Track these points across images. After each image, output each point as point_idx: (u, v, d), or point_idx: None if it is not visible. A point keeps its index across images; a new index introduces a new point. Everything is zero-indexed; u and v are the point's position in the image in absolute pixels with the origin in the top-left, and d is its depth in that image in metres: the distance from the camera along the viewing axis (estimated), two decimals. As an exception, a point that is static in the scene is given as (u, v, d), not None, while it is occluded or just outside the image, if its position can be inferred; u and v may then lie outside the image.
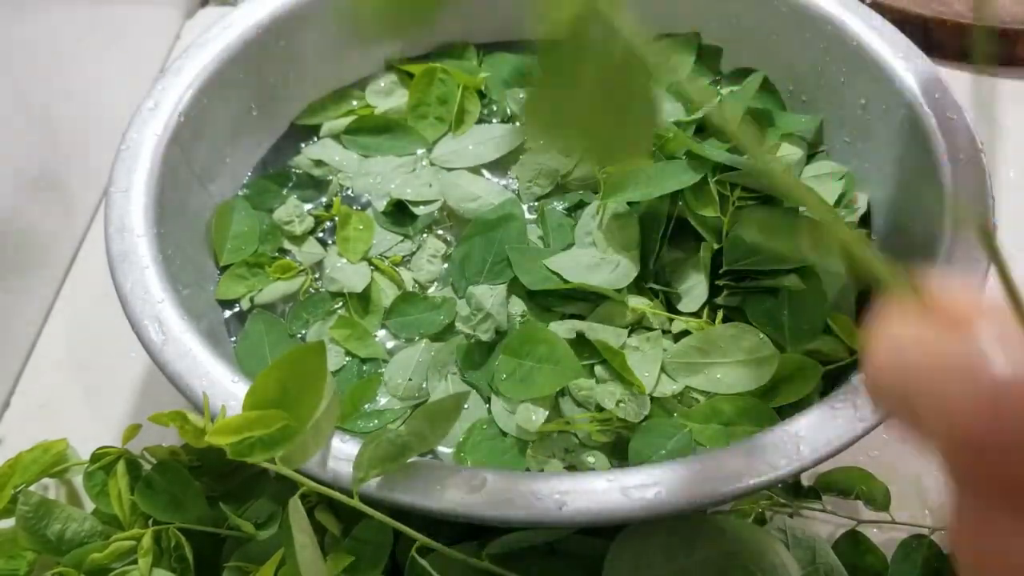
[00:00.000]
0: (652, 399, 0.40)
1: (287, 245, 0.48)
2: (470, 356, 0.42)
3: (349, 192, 0.50)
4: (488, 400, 0.41)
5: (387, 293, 0.45)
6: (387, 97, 0.54)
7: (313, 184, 0.51)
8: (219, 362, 0.34)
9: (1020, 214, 0.48)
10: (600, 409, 0.39)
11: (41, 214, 0.50)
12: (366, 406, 0.41)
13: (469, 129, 0.52)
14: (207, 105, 0.45)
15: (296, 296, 0.45)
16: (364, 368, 0.43)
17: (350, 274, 0.45)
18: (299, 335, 0.44)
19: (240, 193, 0.49)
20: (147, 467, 0.37)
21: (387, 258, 0.46)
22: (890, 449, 0.43)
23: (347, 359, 0.43)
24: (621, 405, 0.39)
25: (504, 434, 0.39)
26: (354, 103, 0.54)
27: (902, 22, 0.61)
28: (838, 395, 0.33)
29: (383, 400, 0.41)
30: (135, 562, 0.33)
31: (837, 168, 0.47)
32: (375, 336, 0.44)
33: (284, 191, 0.50)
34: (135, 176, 0.41)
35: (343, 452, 0.31)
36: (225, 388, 0.34)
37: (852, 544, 0.38)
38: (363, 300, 0.44)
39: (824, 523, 0.40)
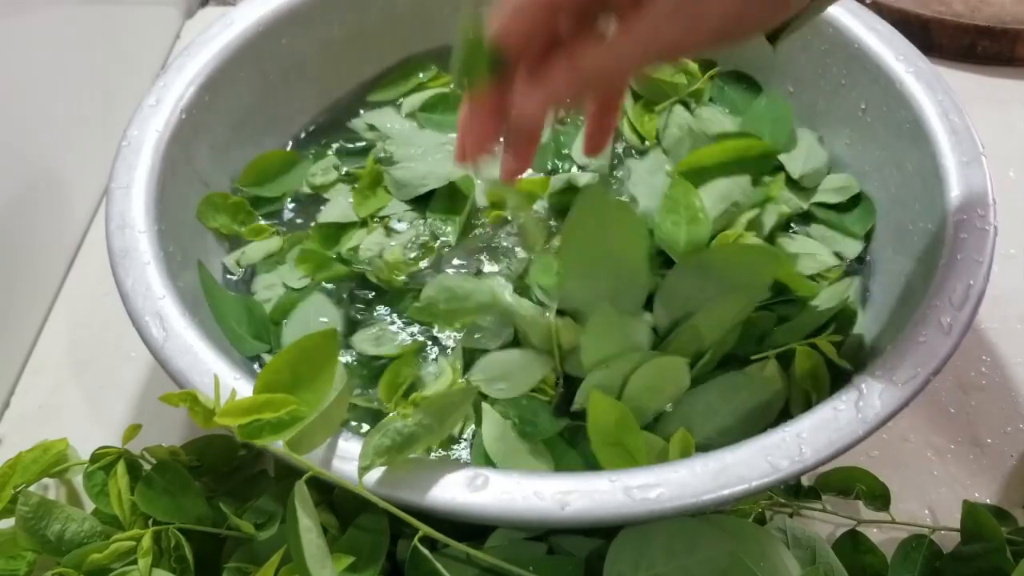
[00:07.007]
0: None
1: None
2: None
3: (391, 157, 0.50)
4: None
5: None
6: None
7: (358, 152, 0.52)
8: (220, 358, 0.34)
9: (1020, 214, 0.48)
10: None
11: (41, 213, 0.50)
12: None
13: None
14: (209, 102, 0.45)
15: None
16: None
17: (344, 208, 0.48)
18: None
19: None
20: (147, 467, 0.37)
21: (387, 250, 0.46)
22: (890, 449, 0.43)
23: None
24: None
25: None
26: (421, 75, 0.54)
27: (902, 23, 0.61)
28: (840, 396, 0.33)
29: None
30: (135, 562, 0.33)
31: (848, 182, 0.47)
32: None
33: (329, 152, 0.51)
34: (136, 173, 0.41)
35: (345, 450, 0.31)
36: (227, 384, 0.33)
37: (852, 544, 0.38)
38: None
39: (824, 523, 0.40)
